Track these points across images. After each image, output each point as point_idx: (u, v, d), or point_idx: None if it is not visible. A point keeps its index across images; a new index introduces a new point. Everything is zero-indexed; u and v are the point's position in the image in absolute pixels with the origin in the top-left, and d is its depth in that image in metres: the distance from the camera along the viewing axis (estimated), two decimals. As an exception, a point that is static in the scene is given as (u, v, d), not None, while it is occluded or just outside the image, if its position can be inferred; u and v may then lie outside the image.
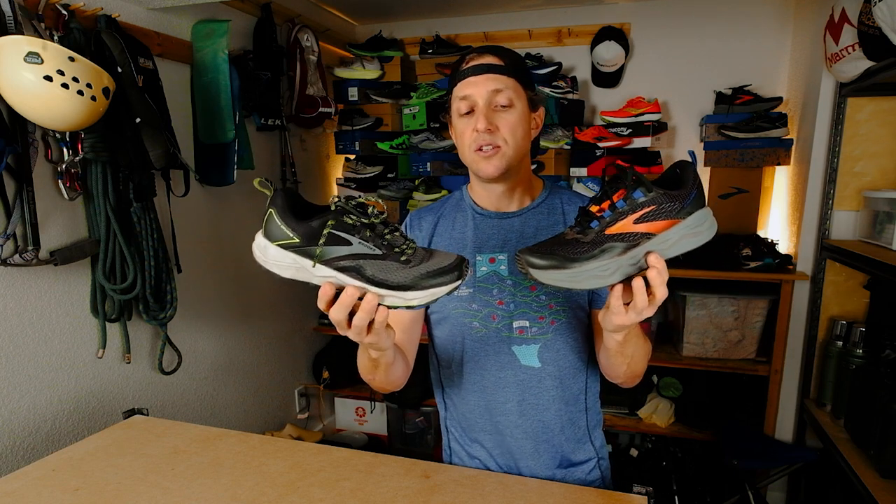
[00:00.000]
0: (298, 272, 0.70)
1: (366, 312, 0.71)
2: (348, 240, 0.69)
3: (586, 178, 2.50)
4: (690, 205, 0.70)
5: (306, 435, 2.53)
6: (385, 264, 0.70)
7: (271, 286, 2.46)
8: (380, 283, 0.70)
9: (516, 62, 1.00)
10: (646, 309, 0.72)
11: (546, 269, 0.71)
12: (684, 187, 0.70)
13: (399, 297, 0.70)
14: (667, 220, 0.69)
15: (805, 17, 2.24)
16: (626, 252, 0.70)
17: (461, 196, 1.13)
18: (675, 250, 0.71)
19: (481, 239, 1.06)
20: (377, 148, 2.68)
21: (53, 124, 1.34)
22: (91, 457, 1.07)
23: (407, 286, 0.69)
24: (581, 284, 0.71)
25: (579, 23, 2.61)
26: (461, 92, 0.98)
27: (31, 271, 1.46)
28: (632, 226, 0.69)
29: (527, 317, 1.02)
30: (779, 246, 2.23)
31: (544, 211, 1.07)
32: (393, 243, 0.71)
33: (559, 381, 1.05)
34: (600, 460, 1.14)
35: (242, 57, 2.10)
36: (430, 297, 0.70)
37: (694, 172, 0.71)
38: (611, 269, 0.70)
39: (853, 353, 1.92)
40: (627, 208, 0.70)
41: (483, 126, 0.95)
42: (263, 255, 0.71)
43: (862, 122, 2.00)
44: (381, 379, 0.98)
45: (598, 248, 0.70)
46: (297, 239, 0.68)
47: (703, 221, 0.71)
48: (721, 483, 2.26)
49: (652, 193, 0.69)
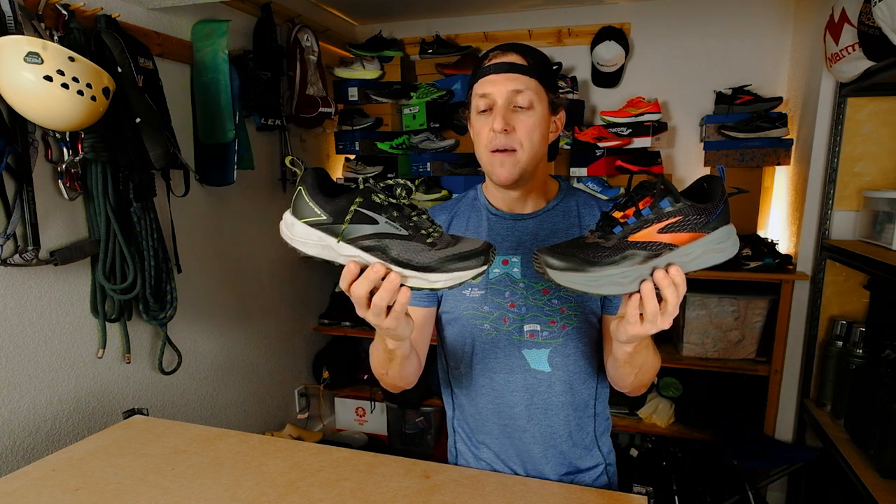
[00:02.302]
0: (323, 250, 0.70)
1: (387, 291, 0.69)
2: (375, 218, 0.69)
3: (586, 178, 2.50)
4: (716, 220, 0.69)
5: (306, 435, 2.53)
6: (410, 245, 0.69)
7: (271, 286, 2.46)
8: (404, 263, 0.69)
9: (540, 62, 0.97)
10: (658, 318, 0.71)
11: (564, 270, 0.69)
12: (712, 201, 0.69)
13: (423, 278, 0.69)
14: (692, 233, 0.68)
15: (805, 17, 2.24)
16: (648, 261, 0.68)
17: (476, 195, 1.11)
18: (697, 265, 0.70)
19: (495, 240, 1.04)
20: (377, 148, 2.68)
21: (53, 124, 1.34)
22: (91, 457, 1.07)
23: (431, 268, 0.69)
24: (598, 290, 0.69)
25: (579, 23, 2.61)
26: (481, 89, 0.96)
27: (31, 271, 1.46)
28: (656, 235, 0.68)
29: (538, 320, 1.01)
30: (779, 246, 2.23)
31: (559, 213, 1.05)
32: (419, 225, 0.71)
33: (569, 385, 1.03)
34: (608, 466, 1.12)
35: (242, 57, 2.10)
36: (453, 280, 0.69)
37: (722, 188, 0.70)
38: (630, 277, 0.69)
39: (853, 353, 1.92)
40: (653, 217, 0.68)
41: (500, 126, 0.92)
42: (290, 232, 0.71)
43: (862, 122, 2.00)
44: (394, 374, 0.96)
45: (619, 255, 0.68)
46: (324, 216, 0.68)
47: (728, 238, 0.70)
48: (721, 483, 2.26)
49: (679, 204, 0.68)
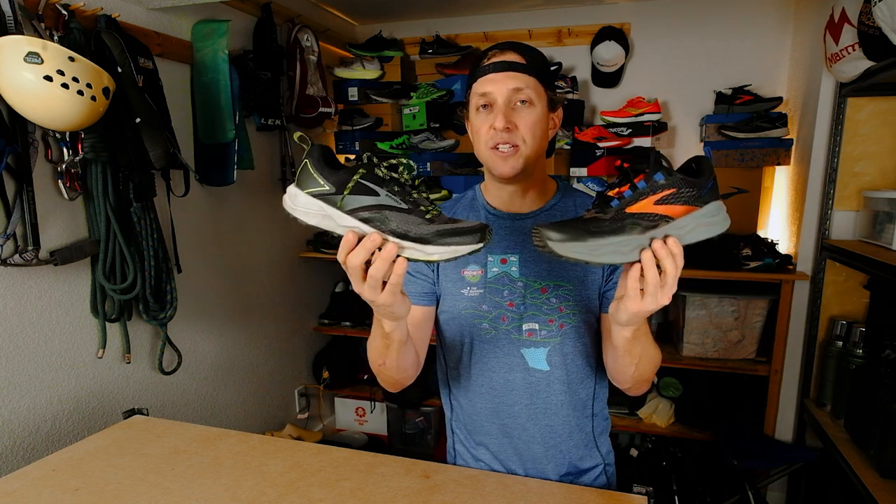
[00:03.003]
0: (323, 220, 0.72)
1: (383, 262, 0.70)
2: (376, 190, 0.71)
3: (586, 178, 2.50)
4: (707, 194, 0.72)
5: (306, 435, 2.53)
6: (408, 217, 0.71)
7: (271, 286, 2.46)
8: (401, 234, 0.70)
9: (538, 60, 0.98)
10: (658, 291, 0.71)
11: (565, 241, 0.70)
12: (702, 177, 0.72)
13: (419, 249, 0.70)
14: (685, 206, 0.71)
15: (805, 17, 2.24)
16: (646, 232, 0.71)
17: (475, 195, 1.12)
18: (691, 237, 0.73)
19: (493, 239, 1.03)
20: (377, 148, 2.68)
21: (53, 124, 1.34)
22: (91, 457, 1.07)
23: (428, 240, 0.70)
24: (601, 258, 0.71)
25: (579, 23, 2.61)
26: (480, 88, 0.97)
27: (31, 271, 1.46)
28: (652, 206, 0.71)
29: (536, 319, 1.01)
30: (779, 246, 2.23)
31: (557, 213, 1.05)
32: (418, 202, 0.73)
33: (567, 385, 1.04)
34: (606, 466, 1.13)
35: (242, 57, 2.10)
36: (449, 253, 0.70)
37: (709, 165, 0.73)
38: (631, 246, 0.71)
39: (853, 353, 1.92)
40: (648, 189, 0.71)
41: (501, 124, 0.93)
42: (293, 202, 0.73)
43: (862, 122, 2.00)
44: (391, 363, 0.95)
45: (618, 224, 0.71)
46: (326, 186, 0.71)
47: (719, 212, 0.73)
48: (721, 483, 2.26)
49: (672, 177, 0.71)
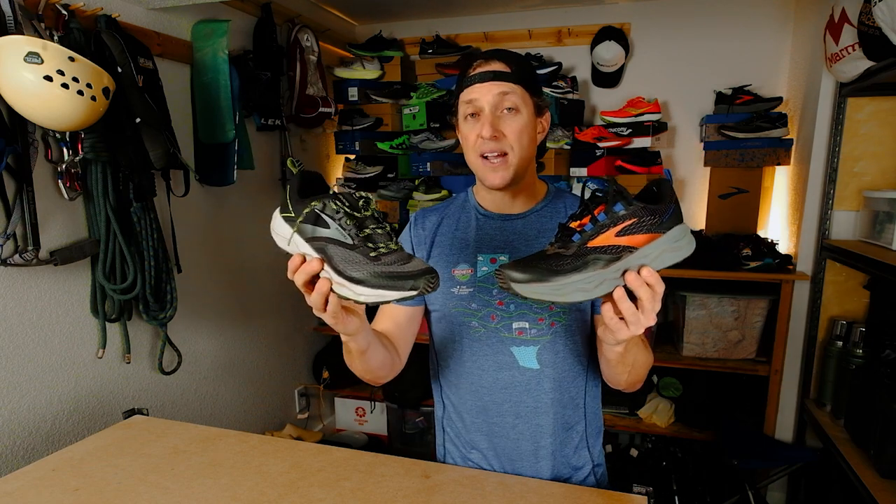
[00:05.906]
0: (288, 244, 0.76)
1: (317, 294, 0.73)
2: (328, 223, 0.73)
3: (586, 178, 2.50)
4: (669, 219, 0.70)
5: (306, 435, 2.53)
6: (350, 254, 0.72)
7: (271, 286, 2.46)
8: (339, 271, 0.72)
9: (523, 67, 0.99)
10: (639, 317, 0.71)
11: (528, 282, 0.70)
12: (662, 202, 0.71)
13: (349, 288, 0.72)
14: (648, 234, 0.70)
15: (805, 17, 2.24)
16: (610, 265, 0.70)
17: (466, 197, 1.14)
18: (658, 264, 0.71)
19: (483, 239, 1.06)
20: (377, 148, 2.68)
21: (53, 124, 1.34)
22: (91, 457, 1.07)
23: (359, 280, 0.71)
24: (566, 297, 0.71)
25: (579, 23, 2.61)
26: (467, 97, 0.98)
27: (31, 271, 1.46)
28: (614, 238, 0.69)
29: (526, 318, 1.02)
30: (779, 246, 2.23)
31: (547, 214, 1.07)
32: (371, 238, 0.73)
33: (557, 383, 1.04)
34: (596, 467, 1.12)
35: (242, 57, 2.10)
36: (377, 298, 0.71)
37: (670, 188, 0.72)
38: (595, 282, 0.70)
39: (853, 353, 1.92)
40: (609, 221, 0.70)
41: (489, 133, 0.95)
42: (273, 224, 0.79)
43: (862, 122, 2.00)
44: (357, 366, 0.98)
45: (580, 261, 0.70)
46: (292, 213, 0.75)
47: (683, 236, 0.72)
48: (721, 483, 2.26)
49: (632, 206, 0.70)
